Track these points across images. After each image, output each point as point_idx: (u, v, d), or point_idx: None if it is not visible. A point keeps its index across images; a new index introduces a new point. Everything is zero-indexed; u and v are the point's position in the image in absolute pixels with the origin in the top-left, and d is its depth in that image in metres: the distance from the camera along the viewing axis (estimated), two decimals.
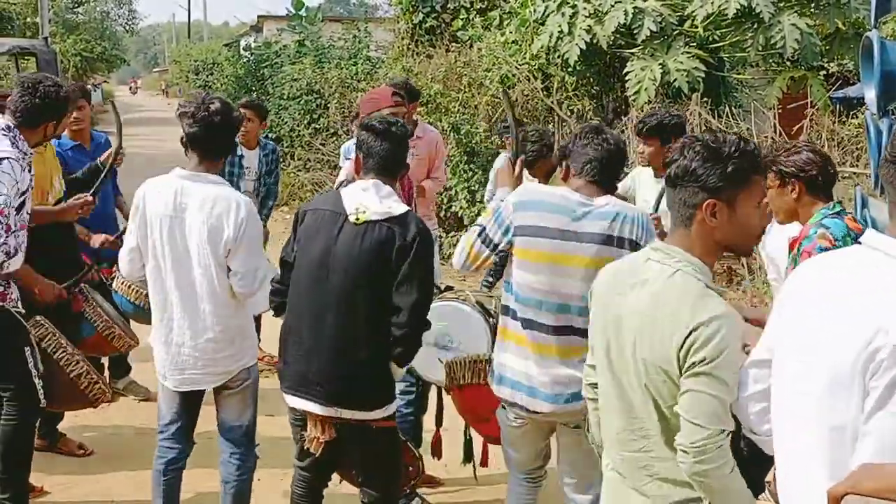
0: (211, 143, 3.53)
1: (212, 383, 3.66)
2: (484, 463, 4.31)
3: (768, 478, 3.95)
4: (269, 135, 12.74)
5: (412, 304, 3.15)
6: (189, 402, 3.75)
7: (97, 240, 5.01)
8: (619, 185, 3.56)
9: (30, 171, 3.96)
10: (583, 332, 3.10)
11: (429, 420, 4.59)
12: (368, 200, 3.23)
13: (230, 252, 3.46)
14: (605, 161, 3.20)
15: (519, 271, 3.17)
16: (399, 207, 3.24)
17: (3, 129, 3.90)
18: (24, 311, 4.03)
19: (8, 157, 3.78)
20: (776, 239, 3.70)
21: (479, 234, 3.25)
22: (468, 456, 4.39)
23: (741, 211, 2.26)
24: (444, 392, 4.24)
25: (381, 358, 3.24)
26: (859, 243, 1.85)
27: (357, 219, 3.20)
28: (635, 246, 3.08)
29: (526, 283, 3.16)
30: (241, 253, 3.47)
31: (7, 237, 3.76)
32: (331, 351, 3.21)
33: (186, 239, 3.48)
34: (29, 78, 4.14)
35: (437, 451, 4.40)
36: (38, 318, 4.20)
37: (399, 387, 4.40)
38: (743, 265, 8.82)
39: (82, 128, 5.52)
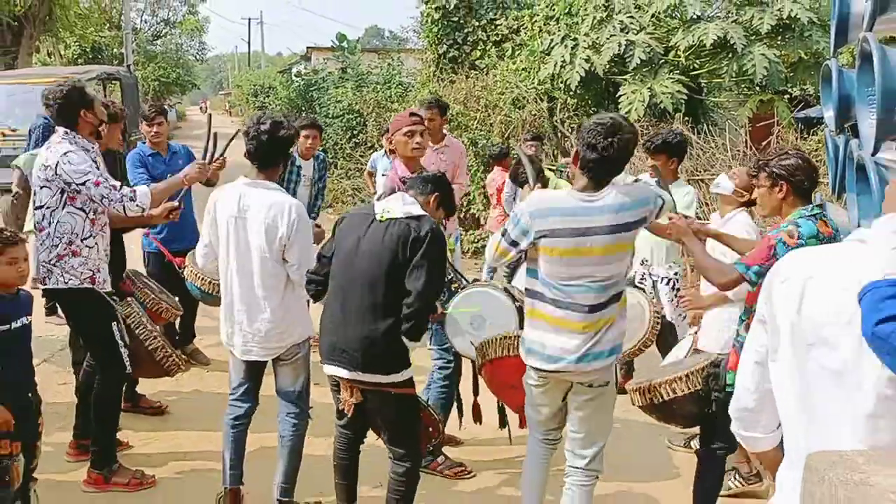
0: (262, 157, 3.63)
1: (267, 356, 3.72)
2: (522, 425, 4.04)
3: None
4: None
5: (420, 288, 3.20)
6: (253, 369, 3.82)
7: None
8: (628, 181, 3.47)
9: (94, 160, 3.97)
10: (590, 308, 3.15)
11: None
12: (393, 204, 3.37)
13: (286, 247, 3.55)
14: (603, 163, 3.12)
15: (544, 264, 3.18)
16: (418, 210, 3.34)
17: (62, 135, 3.97)
18: (112, 291, 4.10)
19: (69, 151, 3.88)
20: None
21: (503, 235, 3.27)
22: (503, 422, 4.34)
23: None
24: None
25: (396, 331, 3.27)
26: (830, 241, 1.71)
27: (382, 217, 3.32)
28: (642, 224, 3.18)
29: (551, 273, 3.17)
30: (295, 247, 3.56)
31: (120, 189, 3.89)
32: (355, 323, 3.29)
33: (247, 235, 3.58)
34: (48, 90, 4.05)
35: (476, 416, 4.33)
36: (129, 299, 4.33)
37: (438, 363, 4.44)
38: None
39: (160, 140, 5.72)
